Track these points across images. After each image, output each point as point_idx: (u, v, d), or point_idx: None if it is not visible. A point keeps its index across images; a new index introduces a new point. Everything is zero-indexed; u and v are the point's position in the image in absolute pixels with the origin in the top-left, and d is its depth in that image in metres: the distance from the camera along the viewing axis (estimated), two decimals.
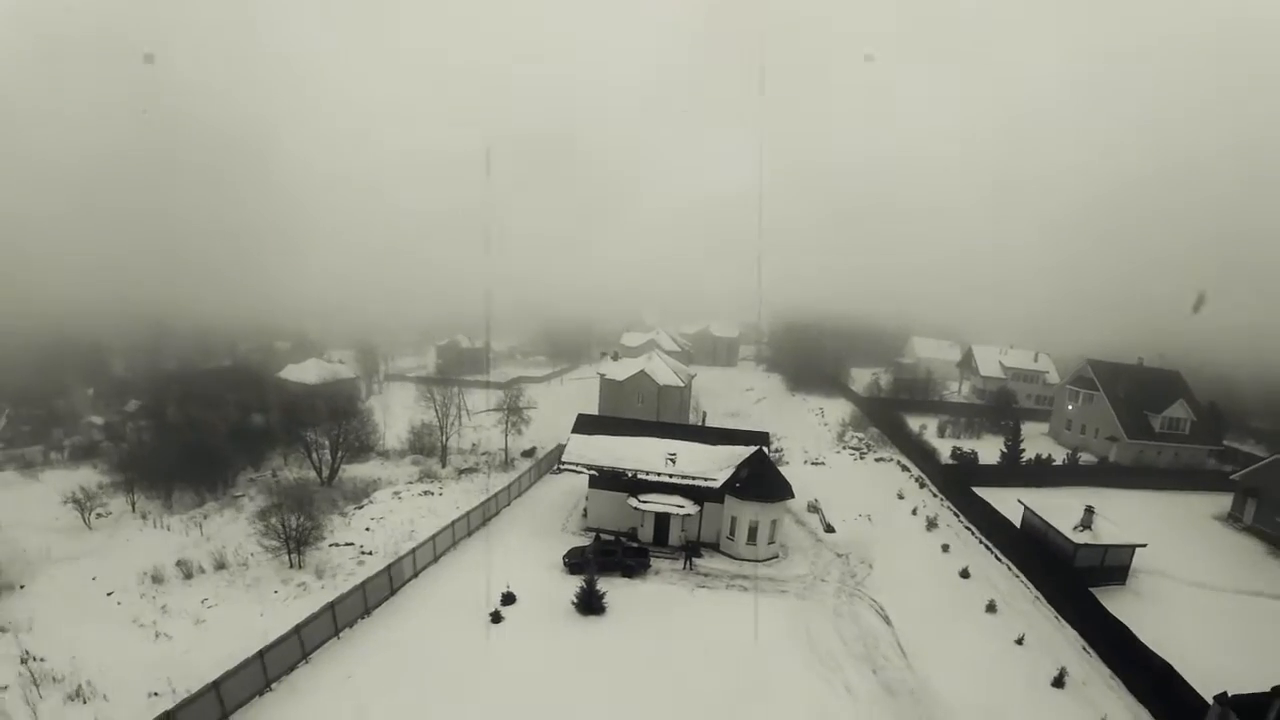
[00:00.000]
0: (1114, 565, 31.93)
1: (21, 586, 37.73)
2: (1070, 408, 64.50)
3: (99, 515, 51.79)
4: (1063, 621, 29.43)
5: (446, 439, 61.13)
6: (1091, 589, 29.70)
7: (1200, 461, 60.03)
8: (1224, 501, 48.43)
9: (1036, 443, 65.59)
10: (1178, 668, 23.56)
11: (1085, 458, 56.94)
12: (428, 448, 64.51)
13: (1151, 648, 24.86)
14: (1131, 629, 25.96)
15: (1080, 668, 26.12)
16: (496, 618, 28.30)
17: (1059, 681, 24.89)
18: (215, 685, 23.03)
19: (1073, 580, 30.04)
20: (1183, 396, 61.15)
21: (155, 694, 25.24)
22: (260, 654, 24.82)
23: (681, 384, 64.30)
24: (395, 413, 77.23)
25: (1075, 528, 31.46)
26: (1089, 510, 31.74)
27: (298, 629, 26.69)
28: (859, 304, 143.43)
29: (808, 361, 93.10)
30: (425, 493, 50.80)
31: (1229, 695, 21.76)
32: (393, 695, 23.73)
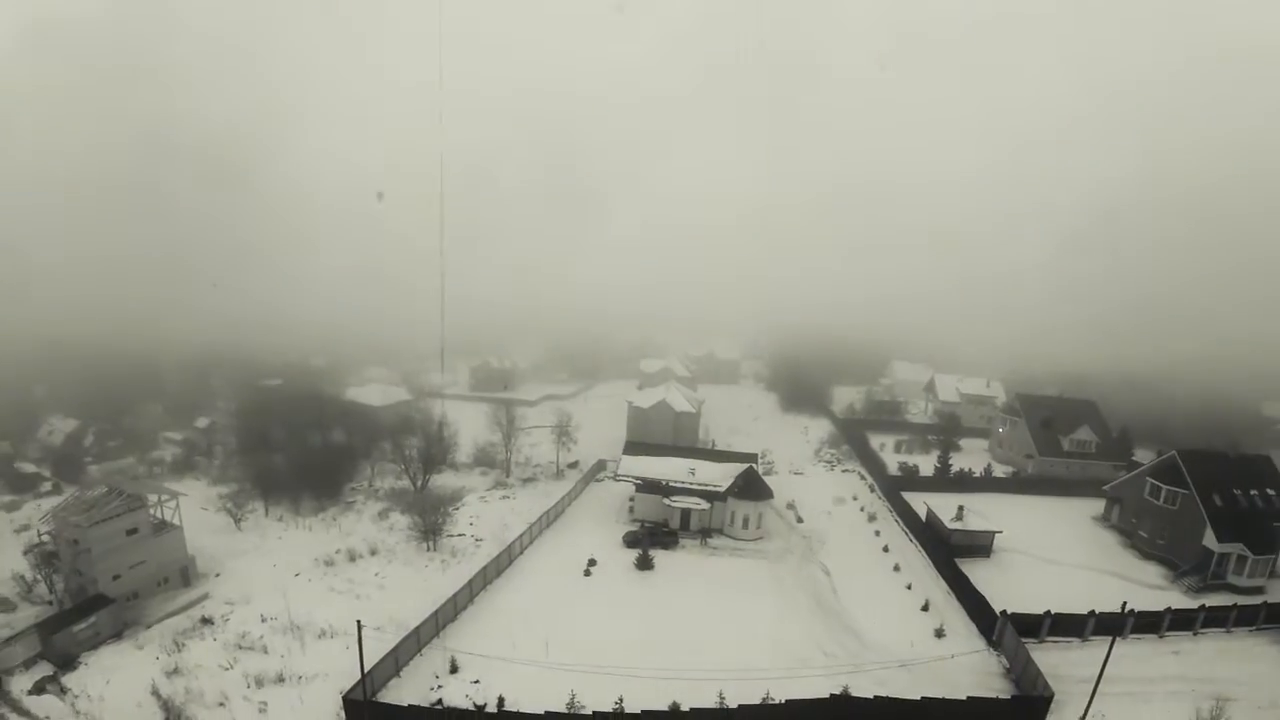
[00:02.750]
0: (980, 544, 50.10)
1: (217, 575, 52.91)
2: (1001, 430, 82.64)
3: (242, 520, 67.05)
4: (940, 577, 47.56)
5: (510, 454, 79.16)
6: (961, 559, 47.83)
7: (1106, 475, 77.43)
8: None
9: (979, 457, 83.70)
10: (1001, 604, 41.40)
11: (1004, 470, 74.98)
12: (490, 460, 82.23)
13: (980, 590, 42.87)
14: (971, 580, 44.03)
15: (941, 601, 44.24)
16: (587, 572, 46.51)
17: (925, 607, 42.98)
18: (435, 614, 40.58)
19: (947, 552, 48.18)
20: (1089, 423, 78.88)
21: (378, 628, 42.02)
22: (453, 598, 42.43)
23: (694, 410, 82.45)
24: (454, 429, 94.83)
25: (952, 519, 49.64)
26: (960, 508, 50.05)
27: (469, 583, 44.38)
28: (852, 324, 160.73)
29: (798, 387, 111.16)
30: (503, 497, 68.82)
31: (1008, 612, 39.83)
32: (533, 617, 41.25)
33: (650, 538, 50.67)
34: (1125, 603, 40.01)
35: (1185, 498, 53.89)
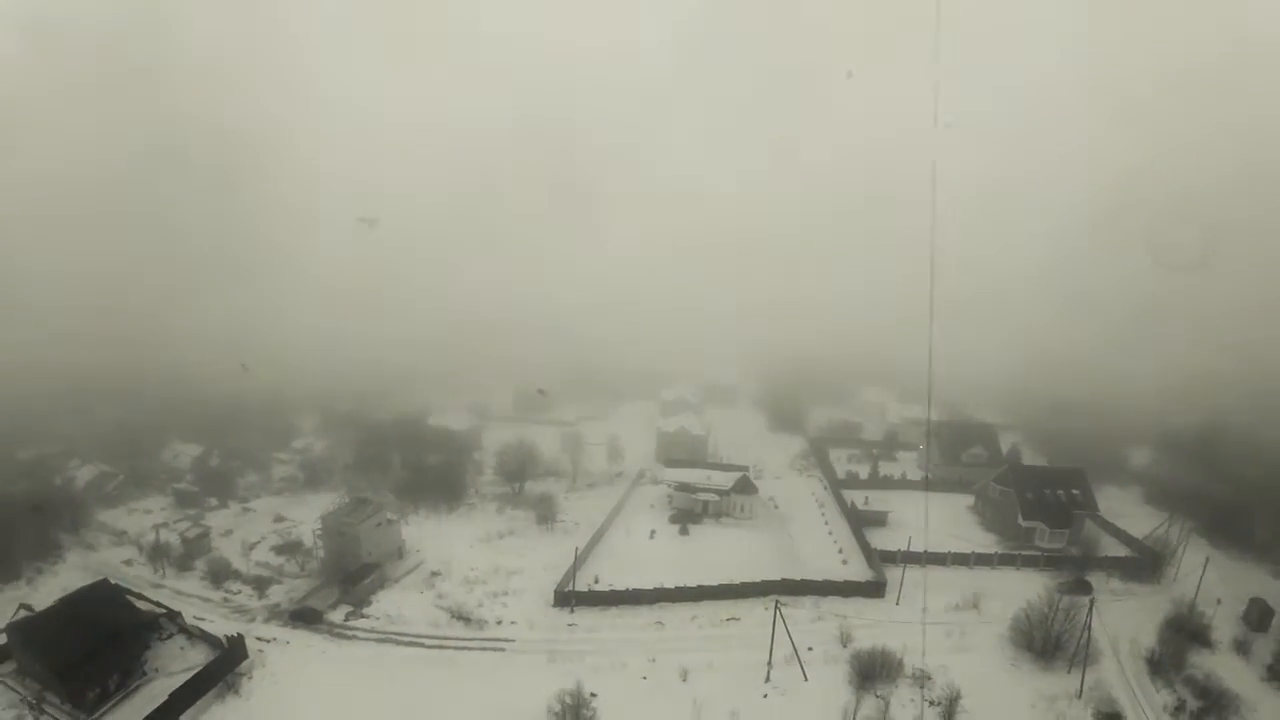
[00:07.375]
0: (878, 518, 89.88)
1: (418, 550, 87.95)
2: (921, 446, 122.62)
3: (405, 517, 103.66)
4: (853, 536, 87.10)
5: (577, 465, 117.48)
6: (866, 526, 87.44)
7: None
8: None
9: (909, 465, 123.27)
10: (880, 546, 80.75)
11: (918, 474, 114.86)
12: (557, 470, 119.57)
13: (870, 541, 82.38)
14: (866, 536, 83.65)
15: (851, 547, 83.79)
16: (650, 537, 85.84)
17: (840, 550, 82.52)
18: (576, 557, 79.36)
19: (859, 522, 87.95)
20: (982, 442, 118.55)
21: (545, 569, 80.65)
22: (582, 550, 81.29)
23: (704, 433, 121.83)
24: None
25: (863, 503, 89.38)
26: (866, 497, 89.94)
27: (587, 543, 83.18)
28: (842, 352, 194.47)
29: (782, 409, 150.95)
30: (579, 497, 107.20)
31: (876, 549, 79.33)
32: (625, 557, 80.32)
33: (685, 518, 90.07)
34: (907, 538, 78.83)
35: (1009, 493, 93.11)
